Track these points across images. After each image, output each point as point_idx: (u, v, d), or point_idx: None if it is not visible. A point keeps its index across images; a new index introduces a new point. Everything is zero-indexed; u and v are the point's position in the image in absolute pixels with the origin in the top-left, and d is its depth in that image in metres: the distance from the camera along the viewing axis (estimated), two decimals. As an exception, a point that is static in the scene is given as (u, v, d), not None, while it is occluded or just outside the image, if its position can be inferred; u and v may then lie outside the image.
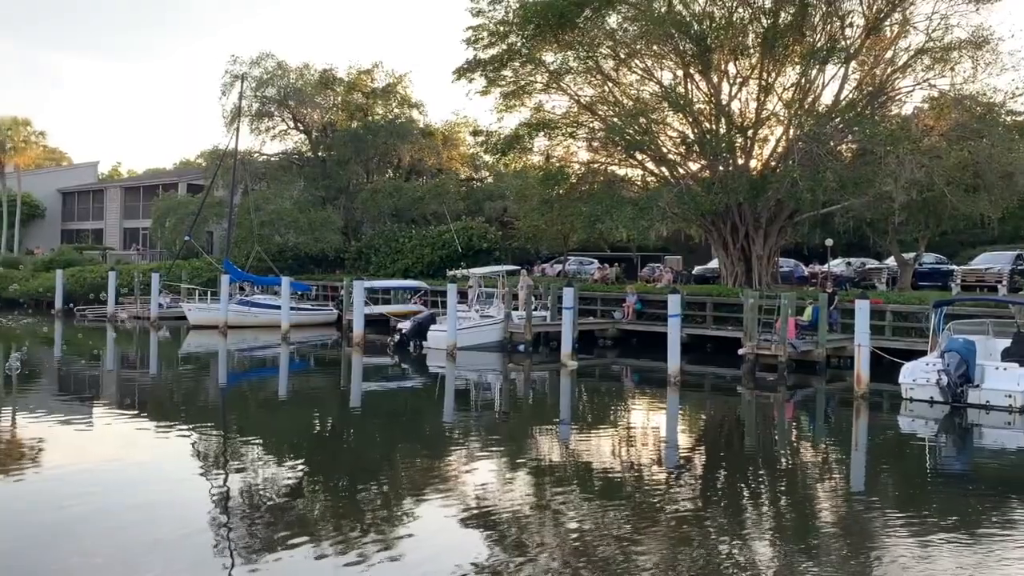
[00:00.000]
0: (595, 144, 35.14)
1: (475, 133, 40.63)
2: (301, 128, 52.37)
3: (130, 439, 14.66)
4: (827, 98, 32.02)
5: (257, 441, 15.08)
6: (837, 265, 37.64)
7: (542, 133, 34.47)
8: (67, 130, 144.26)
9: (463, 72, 34.66)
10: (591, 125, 34.73)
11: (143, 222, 59.15)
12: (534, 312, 30.01)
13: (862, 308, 20.09)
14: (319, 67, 51.77)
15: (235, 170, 42.76)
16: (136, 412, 18.01)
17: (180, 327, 36.10)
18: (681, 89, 32.95)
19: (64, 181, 70.07)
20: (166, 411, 18.15)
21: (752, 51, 31.74)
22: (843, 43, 30.65)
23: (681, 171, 33.94)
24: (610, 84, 34.33)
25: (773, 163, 32.38)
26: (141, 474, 12.26)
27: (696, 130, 32.62)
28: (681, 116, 32.90)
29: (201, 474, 12.53)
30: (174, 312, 38.34)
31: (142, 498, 10.86)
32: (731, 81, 32.84)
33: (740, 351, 24.46)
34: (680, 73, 33.36)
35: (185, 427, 16.14)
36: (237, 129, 43.18)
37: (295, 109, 51.08)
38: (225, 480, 11.93)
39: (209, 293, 39.92)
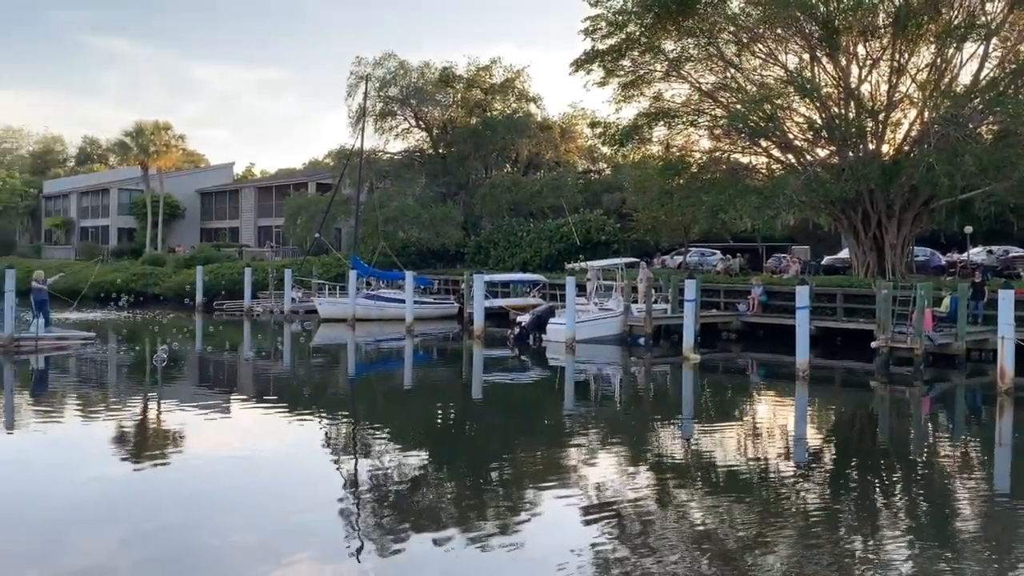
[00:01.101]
0: (717, 132, 34.42)
1: (593, 125, 40.45)
2: (422, 126, 53.44)
3: (266, 427, 15.37)
4: (965, 78, 30.42)
5: (384, 430, 15.53)
6: (978, 253, 35.62)
7: (661, 122, 34.02)
8: (203, 133, 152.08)
9: (581, 64, 34.59)
10: (713, 113, 34.03)
11: (276, 220, 61.68)
12: (654, 305, 29.67)
13: (1006, 299, 18.96)
14: (439, 65, 52.77)
15: (360, 169, 44.09)
16: (271, 401, 18.85)
17: (312, 320, 37.52)
18: (807, 73, 31.92)
19: (202, 182, 73.88)
20: (299, 401, 18.89)
21: (883, 31, 30.39)
22: (983, 19, 28.96)
23: (808, 158, 32.88)
24: (732, 70, 33.55)
25: (907, 147, 30.98)
26: (276, 461, 12.80)
27: (824, 115, 31.54)
28: (808, 101, 31.86)
29: (332, 461, 13.01)
30: (306, 306, 39.91)
31: (276, 483, 11.36)
32: (860, 63, 31.57)
33: (873, 344, 23.52)
34: (806, 56, 32.33)
35: (317, 416, 16.79)
36: (362, 129, 44.67)
37: (417, 108, 52.17)
38: (354, 467, 12.33)
39: (338, 288, 41.34)
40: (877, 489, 11.78)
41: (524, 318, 30.90)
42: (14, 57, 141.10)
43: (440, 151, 53.17)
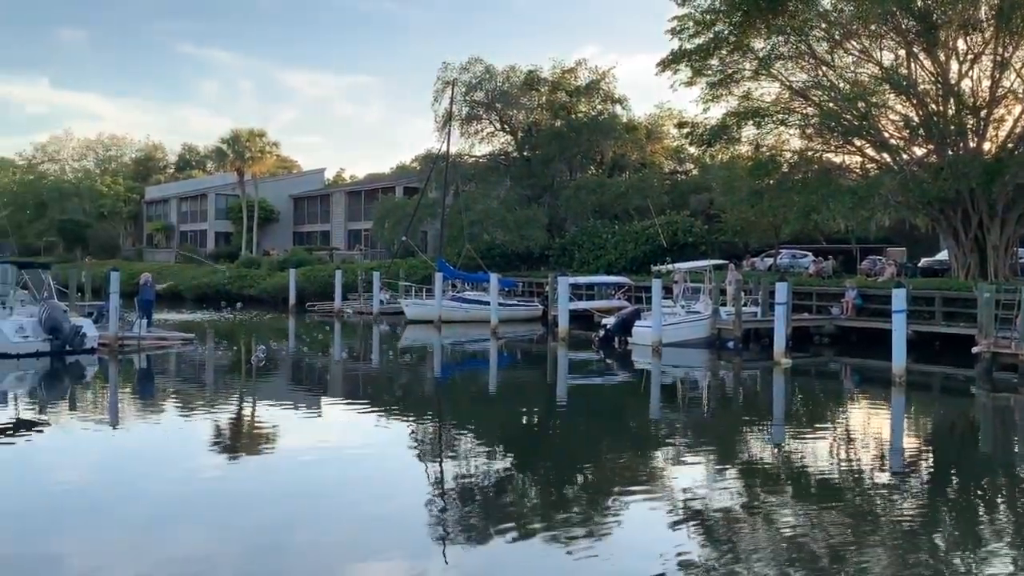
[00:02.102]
0: (809, 131, 33.63)
1: (680, 125, 39.98)
2: (507, 129, 53.63)
3: (355, 426, 15.70)
4: (1075, 71, 28.96)
5: (469, 431, 15.68)
6: (1089, 255, 33.85)
7: (751, 122, 33.39)
8: (295, 139, 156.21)
9: (668, 63, 34.22)
10: (804, 111, 33.26)
11: (365, 224, 62.84)
12: (744, 308, 29.14)
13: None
14: (524, 68, 52.87)
15: (447, 172, 44.58)
16: (360, 401, 19.25)
17: (399, 322, 38.16)
18: (903, 70, 30.88)
19: (295, 187, 75.84)
20: (387, 400, 19.24)
21: (985, 25, 29.19)
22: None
23: (905, 156, 31.82)
24: (824, 68, 32.72)
25: (1010, 145, 29.68)
26: (366, 458, 13.05)
27: (921, 112, 30.48)
28: (904, 98, 30.85)
29: (419, 460, 13.21)
30: (393, 308, 40.56)
31: (366, 480, 11.59)
32: (960, 58, 30.38)
33: (974, 349, 22.60)
34: (902, 53, 31.29)
35: (404, 416, 17.08)
36: (448, 133, 45.05)
37: (502, 111, 52.37)
38: (440, 466, 12.50)
39: (424, 290, 41.91)
40: (978, 499, 11.32)
41: (609, 320, 30.70)
42: (118, 68, 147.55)
43: (525, 154, 53.30)
